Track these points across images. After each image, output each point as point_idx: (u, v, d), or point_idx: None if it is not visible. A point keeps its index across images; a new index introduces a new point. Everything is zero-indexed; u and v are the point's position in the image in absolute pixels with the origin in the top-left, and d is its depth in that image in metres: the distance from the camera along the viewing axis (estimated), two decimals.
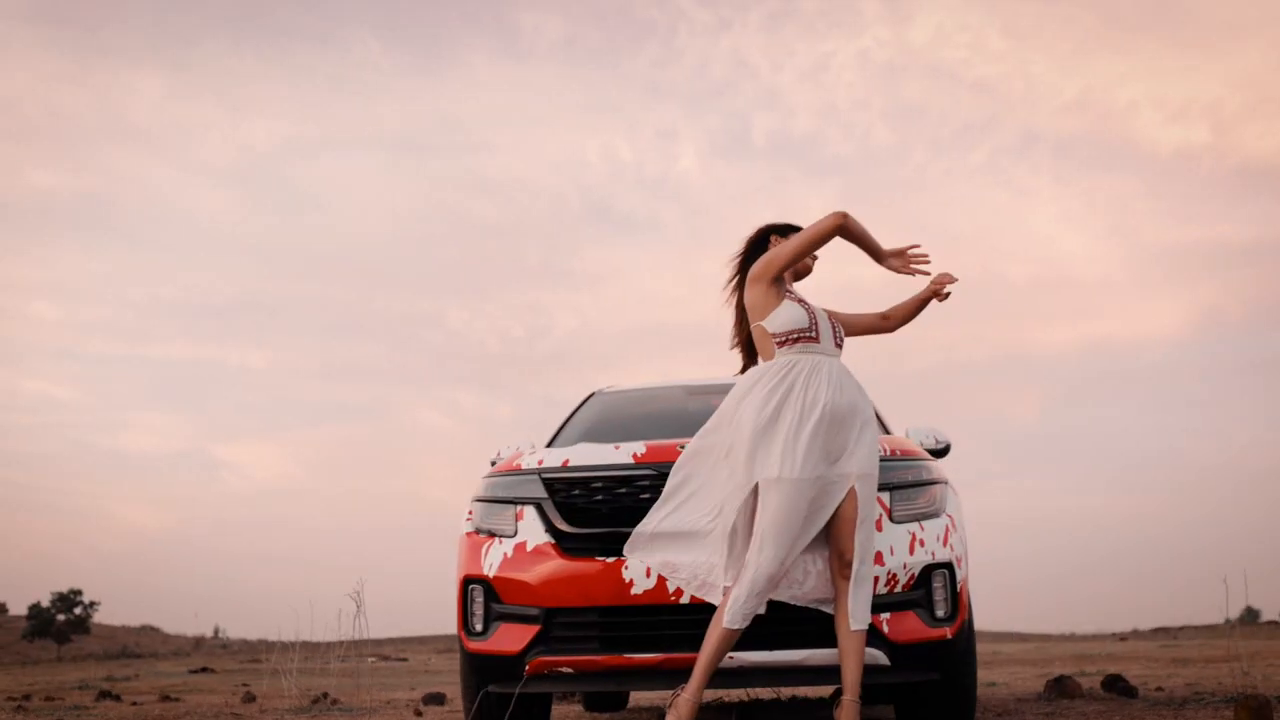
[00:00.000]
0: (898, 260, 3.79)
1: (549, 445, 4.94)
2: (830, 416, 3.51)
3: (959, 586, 3.78)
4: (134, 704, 7.75)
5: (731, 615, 3.42)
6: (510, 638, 3.78)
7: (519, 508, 3.91)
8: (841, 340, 3.75)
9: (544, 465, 3.97)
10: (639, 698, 7.78)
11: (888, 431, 4.81)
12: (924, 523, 3.79)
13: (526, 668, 3.74)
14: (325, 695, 7.03)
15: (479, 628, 3.86)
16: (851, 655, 3.46)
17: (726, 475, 3.59)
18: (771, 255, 3.70)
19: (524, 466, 4.02)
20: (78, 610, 44.75)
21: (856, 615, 3.48)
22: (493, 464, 4.68)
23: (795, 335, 3.62)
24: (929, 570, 3.73)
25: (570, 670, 3.73)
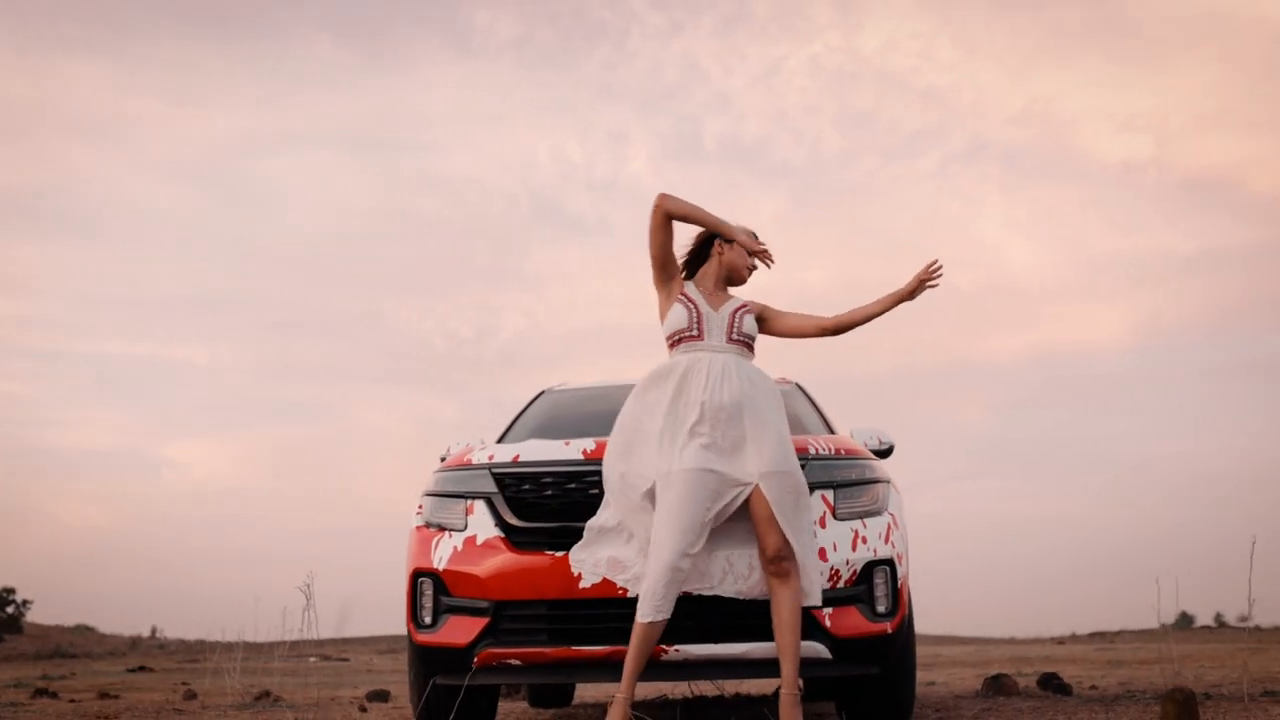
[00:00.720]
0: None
1: (499, 441, 4.98)
2: (711, 412, 3.59)
3: (900, 583, 3.87)
4: (72, 701, 7.63)
5: (642, 610, 3.49)
6: (459, 630, 3.81)
7: (469, 502, 3.95)
8: (741, 335, 3.79)
9: (494, 460, 4.01)
10: (583, 693, 7.82)
11: (832, 431, 4.91)
12: (866, 520, 3.88)
13: (475, 660, 3.77)
14: (268, 693, 6.99)
15: (428, 620, 3.89)
16: (789, 650, 3.54)
17: (639, 475, 3.67)
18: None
19: (475, 461, 4.06)
20: (10, 609, 43.78)
21: (805, 592, 3.57)
22: (442, 460, 4.71)
23: (679, 335, 3.77)
24: (871, 566, 3.82)
25: (519, 662, 3.76)
